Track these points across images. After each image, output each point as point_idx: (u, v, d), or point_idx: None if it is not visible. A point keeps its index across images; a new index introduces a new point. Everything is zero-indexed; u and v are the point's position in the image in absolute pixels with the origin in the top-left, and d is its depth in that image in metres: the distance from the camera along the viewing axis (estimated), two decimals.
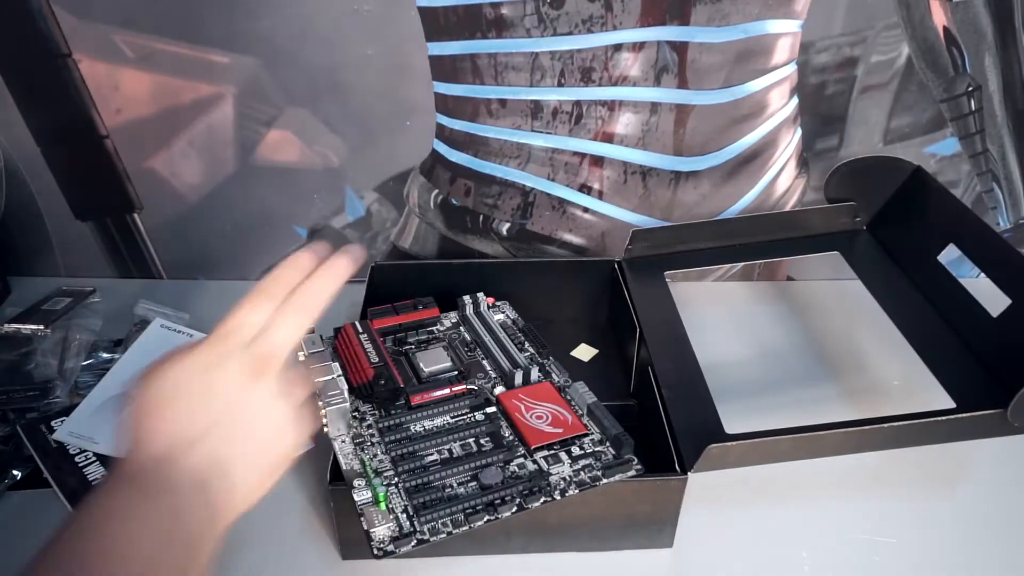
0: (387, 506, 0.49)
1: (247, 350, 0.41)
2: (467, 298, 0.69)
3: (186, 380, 0.40)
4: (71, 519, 0.36)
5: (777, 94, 0.75)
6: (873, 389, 0.73)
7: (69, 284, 0.84)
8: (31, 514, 0.60)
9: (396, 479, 0.51)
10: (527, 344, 0.65)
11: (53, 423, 0.66)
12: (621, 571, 0.57)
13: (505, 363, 0.61)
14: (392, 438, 0.54)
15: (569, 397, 0.58)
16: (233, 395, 0.40)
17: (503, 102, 0.74)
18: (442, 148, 0.78)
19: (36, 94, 0.75)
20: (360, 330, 0.64)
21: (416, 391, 0.58)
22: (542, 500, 0.50)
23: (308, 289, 0.43)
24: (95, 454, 0.64)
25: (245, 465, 0.41)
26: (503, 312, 0.69)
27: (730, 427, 0.55)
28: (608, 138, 0.76)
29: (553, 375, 0.61)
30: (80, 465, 0.63)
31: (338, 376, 0.56)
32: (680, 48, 0.71)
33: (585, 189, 0.79)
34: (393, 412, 0.57)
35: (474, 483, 0.51)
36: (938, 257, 0.68)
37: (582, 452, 0.53)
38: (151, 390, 0.40)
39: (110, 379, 0.71)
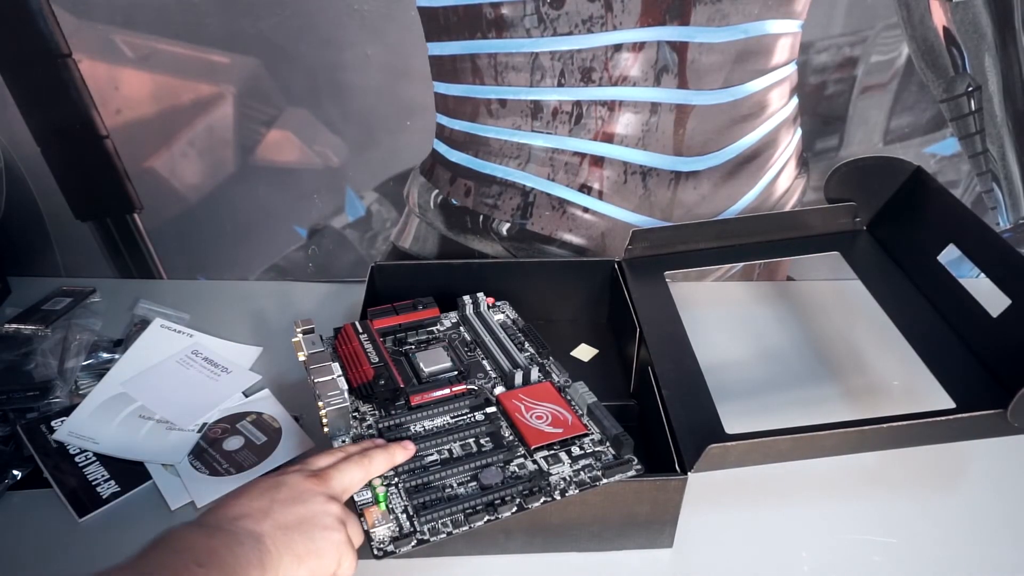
0: (387, 506, 0.49)
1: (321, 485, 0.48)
2: (467, 298, 0.69)
3: (271, 481, 0.46)
4: (152, 544, 0.41)
5: (777, 94, 0.75)
6: (873, 389, 0.73)
7: (69, 284, 0.84)
8: (31, 514, 0.60)
9: (396, 479, 0.51)
10: (527, 344, 0.65)
11: (53, 423, 0.66)
12: (621, 571, 0.57)
13: (505, 363, 0.61)
14: (392, 438, 0.54)
15: (569, 397, 0.58)
16: (293, 487, 0.46)
17: (503, 102, 0.74)
18: (442, 148, 0.78)
19: (36, 94, 0.75)
20: (360, 330, 0.64)
21: (416, 391, 0.58)
22: (542, 500, 0.50)
23: (373, 455, 0.51)
24: (95, 454, 0.64)
25: (296, 547, 0.44)
26: (503, 312, 0.69)
27: (730, 427, 0.55)
28: (608, 138, 0.76)
29: (553, 375, 0.61)
30: (80, 465, 0.63)
31: (338, 376, 0.56)
32: (680, 48, 0.71)
33: (585, 189, 0.79)
34: (393, 412, 0.57)
35: (474, 483, 0.51)
36: (938, 257, 0.68)
37: (582, 452, 0.53)
38: (258, 480, 0.47)
39: (110, 379, 0.71)
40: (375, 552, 0.47)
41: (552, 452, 0.53)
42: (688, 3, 0.69)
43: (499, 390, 0.59)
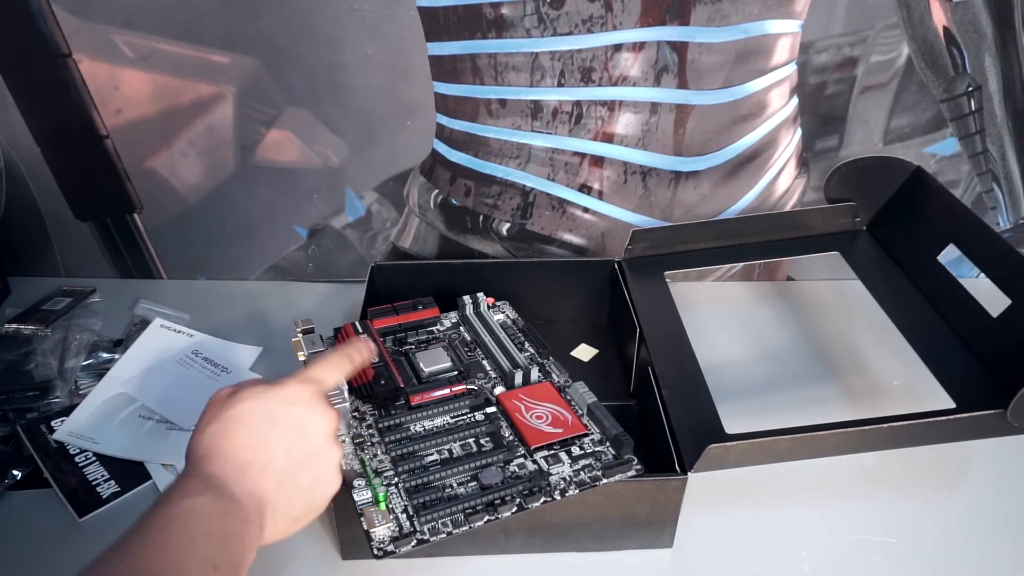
0: (387, 506, 0.49)
1: (326, 402, 0.47)
2: (467, 298, 0.69)
3: (271, 411, 0.44)
4: (154, 504, 0.40)
5: (777, 94, 0.75)
6: (873, 389, 0.73)
7: (69, 284, 0.84)
8: (31, 514, 0.60)
9: (396, 479, 0.51)
10: (527, 344, 0.65)
11: (53, 423, 0.66)
12: (621, 571, 0.57)
13: (505, 363, 0.61)
14: (392, 438, 0.54)
15: (569, 397, 0.58)
16: (312, 442, 0.45)
17: (503, 102, 0.74)
18: (442, 148, 0.78)
19: (36, 94, 0.75)
20: (360, 330, 0.64)
21: (416, 391, 0.58)
22: (542, 500, 0.50)
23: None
24: (95, 454, 0.64)
25: (299, 501, 0.44)
26: (503, 312, 0.69)
27: (730, 427, 0.55)
28: (608, 138, 0.76)
29: (553, 375, 0.61)
30: (80, 465, 0.63)
31: None
32: (680, 48, 0.71)
33: (585, 189, 0.79)
34: (393, 412, 0.57)
35: (474, 483, 0.51)
36: (938, 257, 0.68)
37: (582, 452, 0.53)
38: (237, 408, 0.44)
39: (110, 379, 0.71)
40: (375, 552, 0.47)
41: (552, 452, 0.53)
42: (688, 3, 0.69)
43: (499, 390, 0.59)
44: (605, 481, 0.51)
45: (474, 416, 0.57)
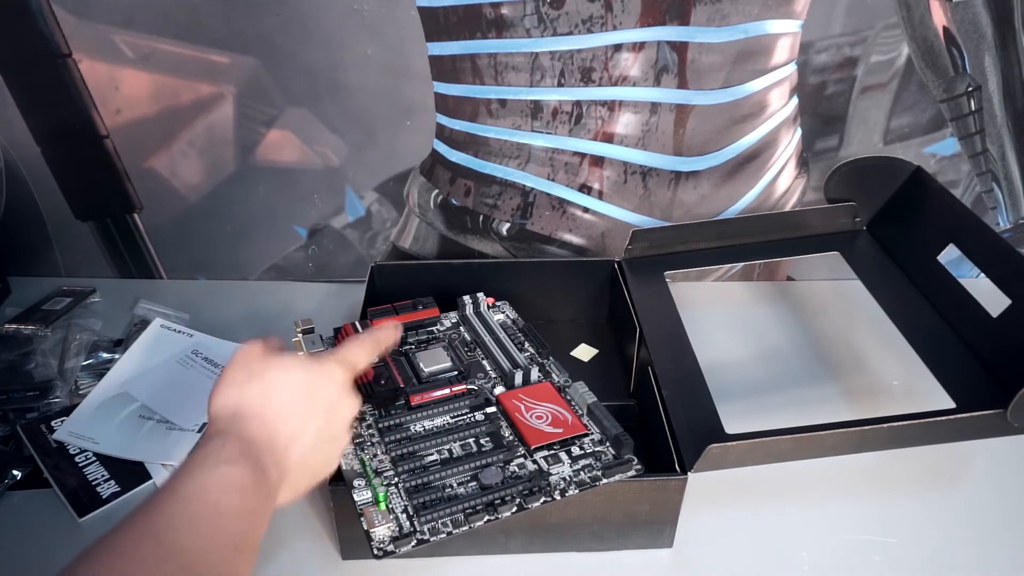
0: (387, 506, 0.49)
1: (349, 380, 0.48)
2: (467, 298, 0.69)
3: (315, 387, 0.46)
4: (190, 461, 0.40)
5: (777, 94, 0.75)
6: (873, 389, 0.73)
7: (69, 284, 0.84)
8: (31, 514, 0.60)
9: (396, 479, 0.51)
10: (527, 344, 0.65)
11: (53, 423, 0.66)
12: (621, 571, 0.57)
13: (505, 363, 0.61)
14: (392, 438, 0.54)
15: (569, 397, 0.58)
16: (342, 426, 0.47)
17: (503, 102, 0.74)
18: (442, 148, 0.78)
19: (36, 94, 0.75)
20: (360, 330, 0.64)
21: (416, 391, 0.58)
22: (542, 500, 0.50)
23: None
24: (95, 454, 0.64)
25: (307, 474, 0.45)
26: (503, 312, 0.69)
27: (730, 427, 0.55)
28: (608, 138, 0.76)
29: (553, 375, 0.61)
30: (80, 465, 0.63)
31: None
32: (680, 48, 0.71)
33: (585, 189, 0.79)
34: (393, 412, 0.57)
35: (474, 483, 0.51)
36: (938, 257, 0.68)
37: (582, 452, 0.53)
38: (285, 376, 0.45)
39: (110, 379, 0.71)
40: (375, 552, 0.47)
41: (552, 452, 0.53)
42: (688, 3, 0.69)
43: (499, 390, 0.59)
44: (605, 481, 0.51)
45: (474, 416, 0.57)
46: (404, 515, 0.49)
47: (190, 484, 0.39)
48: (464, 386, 0.59)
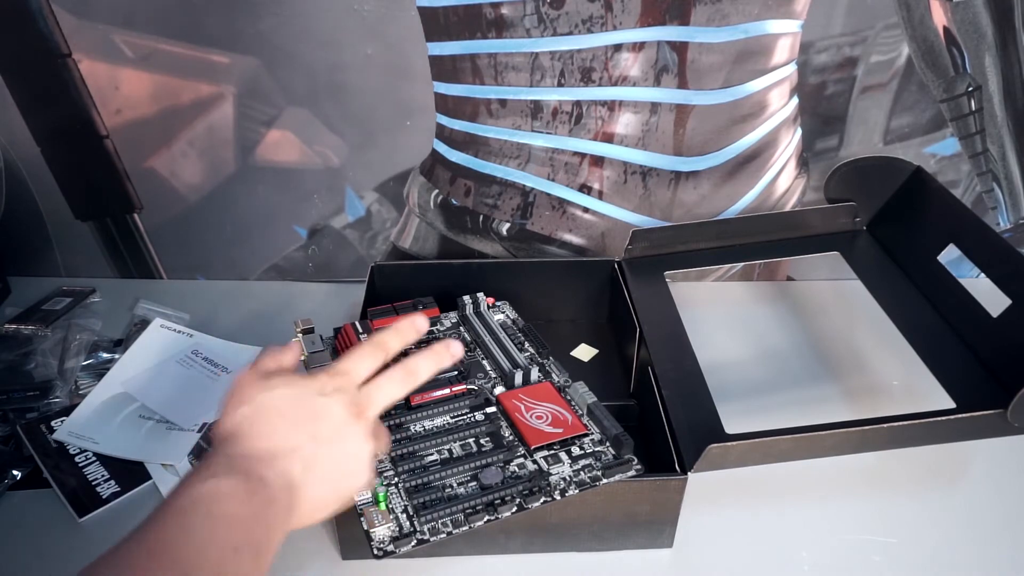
0: (387, 506, 0.49)
1: (355, 392, 0.46)
2: (467, 298, 0.69)
3: (301, 399, 0.45)
4: (181, 483, 0.40)
5: (777, 94, 0.75)
6: (873, 389, 0.73)
7: (69, 284, 0.84)
8: (31, 514, 0.60)
9: (396, 479, 0.51)
10: (527, 344, 0.65)
11: (53, 423, 0.66)
12: (621, 571, 0.57)
13: (505, 363, 0.61)
14: (392, 438, 0.54)
15: (569, 397, 0.58)
16: (335, 425, 0.45)
17: (503, 102, 0.74)
18: (442, 148, 0.78)
19: (36, 94, 0.75)
20: (360, 330, 0.64)
21: (416, 391, 0.58)
22: (542, 500, 0.50)
23: (417, 362, 0.49)
24: (95, 454, 0.64)
25: (326, 486, 0.44)
26: (503, 312, 0.69)
27: (730, 427, 0.55)
28: (608, 138, 0.76)
29: (553, 375, 0.61)
30: (80, 465, 0.63)
31: None
32: (680, 48, 0.71)
33: (585, 189, 0.79)
34: (393, 412, 0.57)
35: (474, 483, 0.51)
36: (938, 257, 0.68)
37: (582, 452, 0.53)
38: (269, 395, 0.45)
39: (110, 379, 0.71)
40: (375, 552, 0.47)
41: (552, 452, 0.53)
42: (688, 3, 0.69)
43: (499, 390, 0.59)
44: (605, 481, 0.51)
45: (474, 416, 0.57)
46: (404, 515, 0.49)
47: (180, 498, 0.39)
48: (464, 386, 0.59)
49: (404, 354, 0.63)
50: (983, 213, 0.83)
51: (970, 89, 0.75)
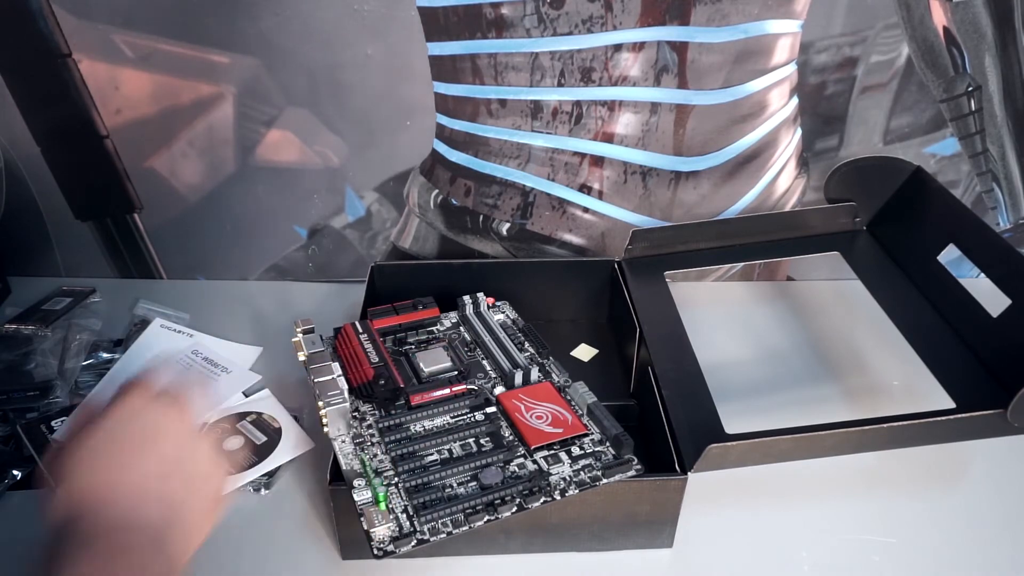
0: (387, 506, 0.49)
1: (159, 397, 0.43)
2: (467, 298, 0.69)
3: (120, 429, 0.41)
4: None
5: (777, 94, 0.75)
6: (873, 389, 0.73)
7: (69, 284, 0.84)
8: (31, 514, 0.60)
9: (396, 479, 0.51)
10: (527, 344, 0.65)
11: (53, 423, 0.66)
12: (621, 571, 0.57)
13: (505, 363, 0.61)
14: (392, 438, 0.54)
15: (569, 397, 0.58)
16: (168, 438, 0.42)
17: (503, 102, 0.74)
18: (442, 148, 0.78)
19: (36, 94, 0.75)
20: (360, 330, 0.64)
21: (416, 391, 0.58)
22: (542, 500, 0.50)
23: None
24: None
25: (193, 506, 0.41)
26: (503, 312, 0.69)
27: (730, 427, 0.55)
28: (608, 138, 0.76)
29: (553, 375, 0.61)
30: None
31: (338, 376, 0.56)
32: (680, 48, 0.71)
33: (585, 189, 0.79)
34: (393, 412, 0.57)
35: (474, 483, 0.51)
36: (938, 257, 0.68)
37: (582, 452, 0.53)
38: (90, 442, 0.41)
39: (110, 379, 0.71)
40: (375, 552, 0.47)
41: (552, 452, 0.53)
42: (688, 3, 0.69)
43: (499, 390, 0.59)
44: (605, 481, 0.51)
45: (474, 416, 0.57)
46: (404, 515, 0.49)
47: None
48: (464, 386, 0.59)
49: (404, 354, 0.63)
50: (983, 213, 0.83)
51: (970, 89, 0.75)
